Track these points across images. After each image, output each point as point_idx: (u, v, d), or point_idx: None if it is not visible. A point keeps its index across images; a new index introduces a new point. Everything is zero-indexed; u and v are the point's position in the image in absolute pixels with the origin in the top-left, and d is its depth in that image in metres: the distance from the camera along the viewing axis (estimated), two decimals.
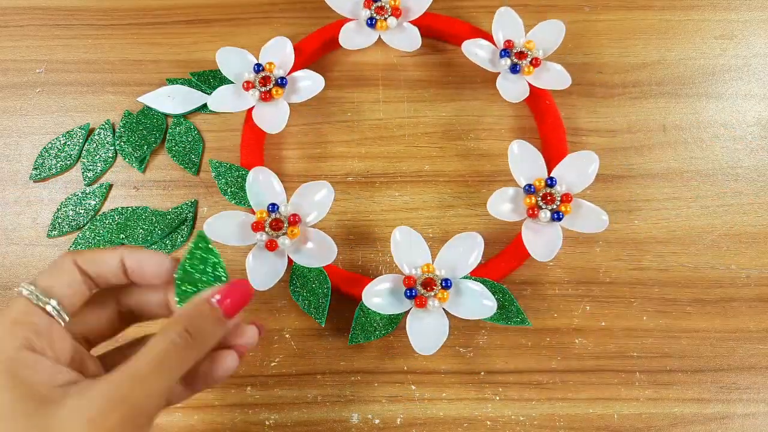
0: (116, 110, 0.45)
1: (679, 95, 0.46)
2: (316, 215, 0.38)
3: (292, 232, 0.37)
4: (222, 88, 0.43)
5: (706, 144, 0.44)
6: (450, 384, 0.38)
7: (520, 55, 0.43)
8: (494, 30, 0.44)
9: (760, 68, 0.47)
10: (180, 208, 0.42)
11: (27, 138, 0.44)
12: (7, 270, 0.41)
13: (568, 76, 0.43)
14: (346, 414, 0.38)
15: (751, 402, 0.38)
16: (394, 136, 0.44)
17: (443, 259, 0.37)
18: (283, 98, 0.42)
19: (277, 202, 0.38)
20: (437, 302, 0.36)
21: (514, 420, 0.37)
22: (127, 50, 0.47)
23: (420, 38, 0.44)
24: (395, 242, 0.37)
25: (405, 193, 0.43)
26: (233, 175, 0.41)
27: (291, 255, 0.38)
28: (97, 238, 0.41)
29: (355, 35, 0.44)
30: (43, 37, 0.47)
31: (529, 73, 0.43)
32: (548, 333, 0.39)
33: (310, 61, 0.46)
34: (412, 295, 0.36)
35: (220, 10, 0.48)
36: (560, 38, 0.44)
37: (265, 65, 0.42)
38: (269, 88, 0.42)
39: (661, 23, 0.48)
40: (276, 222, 0.37)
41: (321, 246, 0.38)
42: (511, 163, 0.39)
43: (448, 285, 0.36)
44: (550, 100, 0.43)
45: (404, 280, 0.36)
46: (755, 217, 0.42)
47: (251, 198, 0.39)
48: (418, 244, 0.38)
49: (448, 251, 0.38)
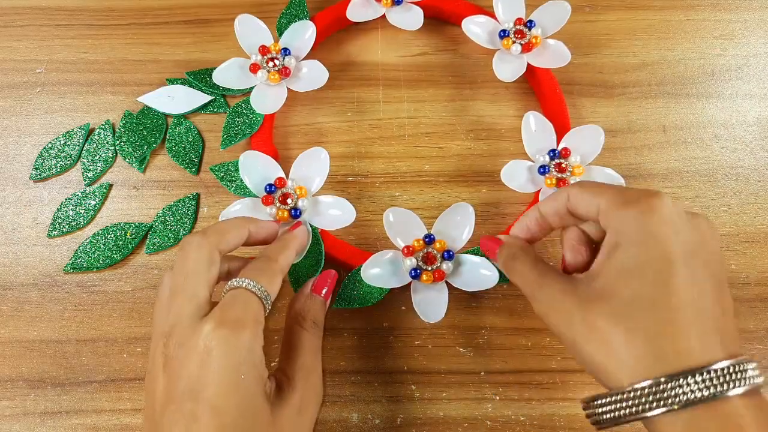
0: (116, 110, 0.45)
1: (679, 95, 0.46)
2: (318, 181, 0.39)
3: (301, 191, 0.38)
4: (231, 61, 0.43)
5: (706, 144, 0.44)
6: (450, 384, 0.38)
7: (519, 34, 0.43)
8: (495, 6, 0.45)
9: (760, 68, 0.47)
10: (182, 201, 0.42)
11: (27, 138, 0.44)
12: (7, 270, 0.41)
13: (567, 52, 0.43)
14: (346, 414, 0.38)
15: None
16: (394, 136, 0.44)
17: (439, 232, 0.38)
18: (283, 82, 0.43)
19: (275, 178, 0.39)
20: (447, 266, 0.37)
21: (514, 420, 0.37)
22: (127, 50, 0.47)
23: (422, 18, 0.44)
24: (388, 223, 0.38)
25: (405, 193, 0.43)
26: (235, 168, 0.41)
27: (311, 220, 0.39)
28: (97, 253, 0.41)
29: (361, 9, 0.45)
30: (43, 37, 0.47)
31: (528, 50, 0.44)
32: (548, 333, 0.39)
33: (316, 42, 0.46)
34: (417, 275, 0.37)
35: (220, 10, 0.48)
36: (565, 19, 0.44)
37: (270, 46, 0.43)
38: (278, 68, 0.43)
39: (661, 23, 0.48)
40: (284, 196, 0.39)
41: (340, 208, 0.39)
42: (525, 135, 0.41)
43: (450, 256, 0.37)
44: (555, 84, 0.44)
45: (403, 250, 0.37)
46: (755, 217, 0.42)
47: (249, 183, 0.39)
48: (412, 220, 0.38)
49: (442, 223, 0.38)
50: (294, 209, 0.38)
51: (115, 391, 0.38)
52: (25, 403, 0.38)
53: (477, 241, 0.38)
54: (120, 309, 0.40)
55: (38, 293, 0.40)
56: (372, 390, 0.38)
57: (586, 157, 0.41)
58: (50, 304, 0.40)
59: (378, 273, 0.37)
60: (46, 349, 0.39)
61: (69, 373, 0.38)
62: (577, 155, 0.40)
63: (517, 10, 0.45)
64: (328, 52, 0.47)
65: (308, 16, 0.45)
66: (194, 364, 0.26)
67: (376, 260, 0.38)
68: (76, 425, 0.37)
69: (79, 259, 0.40)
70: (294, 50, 0.44)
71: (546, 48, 0.44)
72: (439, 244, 0.37)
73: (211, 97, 0.44)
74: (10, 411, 0.38)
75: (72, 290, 0.40)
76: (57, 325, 0.39)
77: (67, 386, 0.38)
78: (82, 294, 0.40)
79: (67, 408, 0.38)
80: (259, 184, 0.39)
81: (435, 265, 0.37)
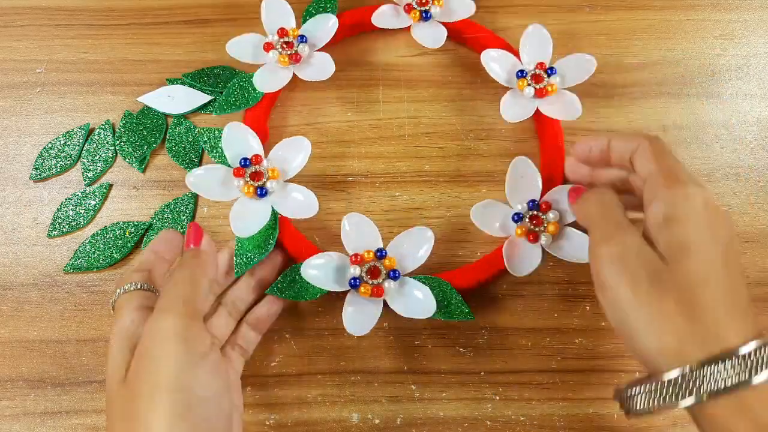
0: (116, 110, 0.45)
1: (679, 95, 0.46)
2: (295, 167, 0.39)
3: (273, 173, 0.38)
4: (249, 36, 0.44)
5: (706, 144, 0.44)
6: (450, 384, 0.38)
7: (537, 79, 0.42)
8: (522, 44, 0.44)
9: (760, 68, 0.47)
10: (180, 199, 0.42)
11: (27, 138, 0.44)
12: (7, 270, 0.41)
13: (579, 107, 0.41)
14: (346, 414, 0.38)
15: None
16: (394, 136, 0.44)
17: (394, 249, 0.38)
18: (291, 67, 0.43)
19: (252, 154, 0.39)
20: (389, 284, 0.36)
21: (514, 420, 0.37)
22: (127, 50, 0.47)
23: (444, 38, 0.44)
24: (344, 229, 0.38)
25: (405, 193, 0.43)
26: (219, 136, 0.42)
27: (276, 207, 0.38)
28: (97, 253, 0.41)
29: (389, 17, 0.45)
30: (43, 37, 0.47)
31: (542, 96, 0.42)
32: (548, 333, 0.39)
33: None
34: (356, 285, 0.36)
35: (220, 10, 0.48)
36: (588, 74, 0.42)
37: (289, 30, 0.44)
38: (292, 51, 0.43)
39: (661, 23, 0.48)
40: (256, 174, 0.38)
41: (305, 198, 0.39)
42: (509, 181, 0.40)
43: (396, 276, 0.36)
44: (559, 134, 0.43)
45: (351, 258, 0.37)
46: (755, 217, 0.42)
47: (227, 152, 0.39)
48: (370, 229, 0.38)
49: (399, 243, 0.38)
50: (260, 188, 0.38)
51: None
52: (25, 403, 0.38)
53: (430, 268, 0.38)
54: None
55: (38, 293, 0.40)
56: (372, 390, 0.38)
57: (566, 215, 0.39)
58: (50, 304, 0.40)
59: (316, 274, 0.37)
60: (46, 349, 0.39)
61: (69, 373, 0.38)
62: (557, 212, 0.39)
63: (543, 55, 0.43)
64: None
65: (336, 11, 0.45)
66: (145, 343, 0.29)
67: (319, 260, 0.37)
68: (76, 425, 0.37)
69: (79, 259, 0.41)
70: (311, 39, 0.44)
71: (560, 98, 0.43)
72: (389, 261, 0.37)
73: (211, 97, 0.44)
74: (10, 411, 0.38)
75: (72, 290, 0.40)
76: (57, 325, 0.39)
77: (67, 386, 0.38)
78: (82, 294, 0.40)
79: (67, 408, 0.38)
80: (237, 156, 0.39)
81: (378, 281, 0.36)
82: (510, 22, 0.46)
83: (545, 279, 0.40)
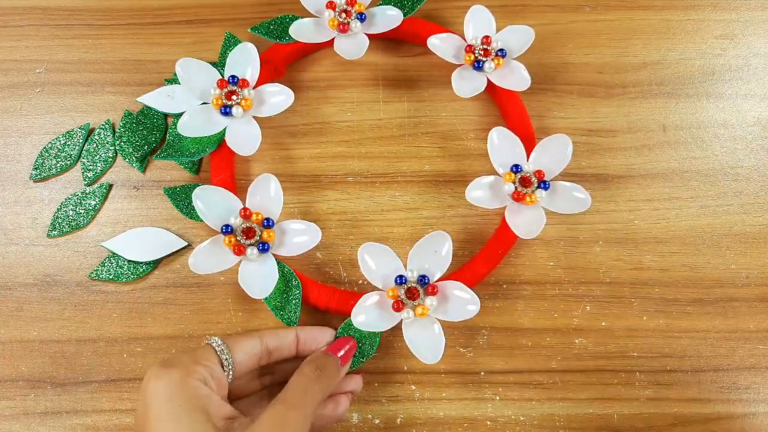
0: (116, 110, 0.45)
1: (679, 95, 0.46)
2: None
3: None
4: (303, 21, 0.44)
5: (706, 144, 0.44)
6: (450, 384, 0.38)
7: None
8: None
9: (760, 68, 0.47)
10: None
11: (27, 138, 0.44)
12: (7, 270, 0.41)
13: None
14: (347, 414, 0.38)
15: (751, 402, 0.38)
16: (394, 136, 0.44)
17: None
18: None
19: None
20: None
21: (514, 420, 0.37)
22: (127, 50, 0.47)
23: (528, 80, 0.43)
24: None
25: (405, 193, 0.43)
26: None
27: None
28: None
29: (464, 81, 0.43)
30: (43, 37, 0.47)
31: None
32: (548, 333, 0.39)
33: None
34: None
35: (220, 10, 0.48)
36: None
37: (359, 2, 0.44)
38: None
39: (661, 23, 0.48)
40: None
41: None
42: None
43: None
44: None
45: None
46: (755, 217, 0.42)
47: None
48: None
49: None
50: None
51: (115, 391, 0.38)
52: (25, 403, 0.38)
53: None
54: (120, 309, 0.40)
55: (38, 293, 0.40)
56: (372, 390, 0.38)
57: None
58: (50, 304, 0.40)
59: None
60: (46, 349, 0.39)
61: (69, 373, 0.38)
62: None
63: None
64: (329, 51, 0.47)
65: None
66: (140, 404, 0.29)
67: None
68: (76, 425, 0.37)
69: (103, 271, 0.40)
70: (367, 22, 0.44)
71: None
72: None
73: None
74: (10, 411, 0.38)
75: (72, 290, 0.40)
76: (57, 325, 0.39)
77: (67, 386, 0.38)
78: (82, 294, 0.40)
79: (67, 408, 0.38)
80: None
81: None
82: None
83: (545, 279, 0.40)
